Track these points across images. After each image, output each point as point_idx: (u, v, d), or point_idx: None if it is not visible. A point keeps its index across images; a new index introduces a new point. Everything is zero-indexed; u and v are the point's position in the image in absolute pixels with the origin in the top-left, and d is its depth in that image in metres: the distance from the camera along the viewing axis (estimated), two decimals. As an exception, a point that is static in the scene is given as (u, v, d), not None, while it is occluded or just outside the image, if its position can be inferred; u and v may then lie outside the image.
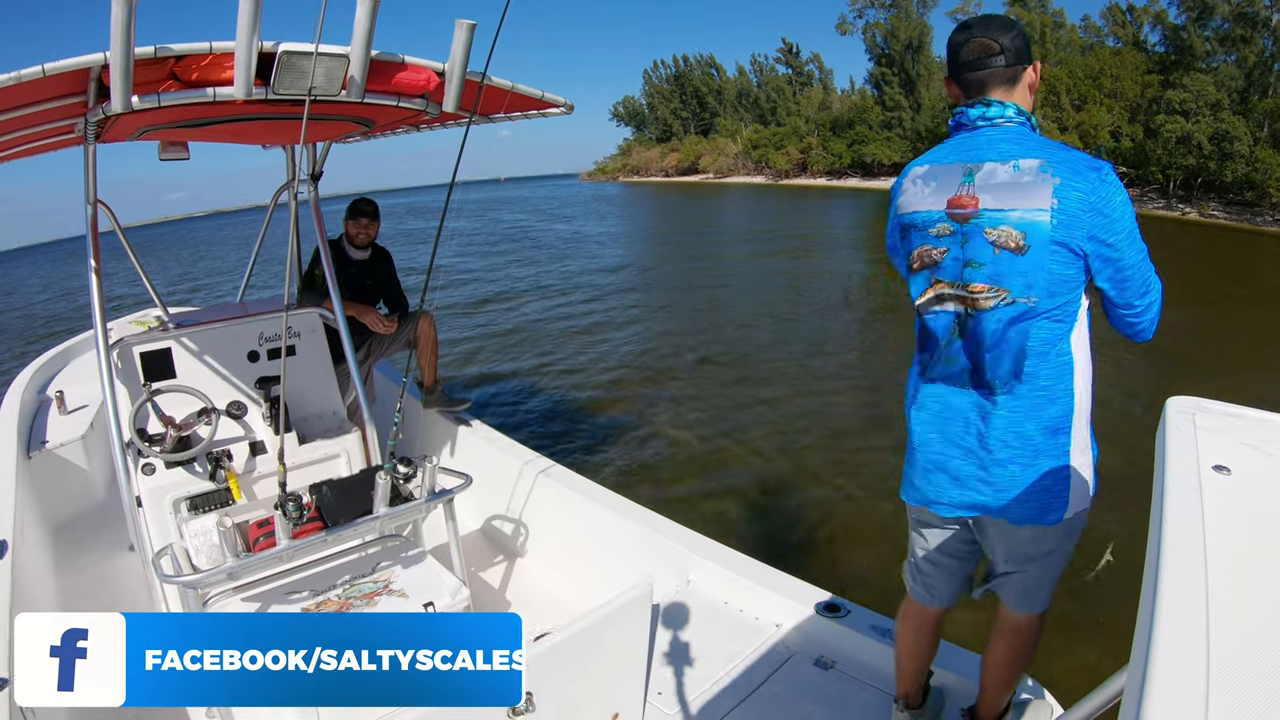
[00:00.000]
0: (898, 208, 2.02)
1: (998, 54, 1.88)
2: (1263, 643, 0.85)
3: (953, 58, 1.94)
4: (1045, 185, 1.77)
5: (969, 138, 1.92)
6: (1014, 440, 1.90)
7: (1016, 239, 1.79)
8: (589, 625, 2.41)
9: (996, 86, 1.90)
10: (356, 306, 4.52)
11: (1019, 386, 1.88)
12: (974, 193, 1.85)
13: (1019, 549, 2.04)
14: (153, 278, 4.36)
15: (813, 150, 63.87)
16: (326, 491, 2.99)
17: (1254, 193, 30.84)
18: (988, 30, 1.90)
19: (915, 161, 2.03)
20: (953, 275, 1.91)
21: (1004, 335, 1.85)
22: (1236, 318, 13.10)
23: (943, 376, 1.98)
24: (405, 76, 2.89)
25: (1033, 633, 2.19)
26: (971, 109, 1.92)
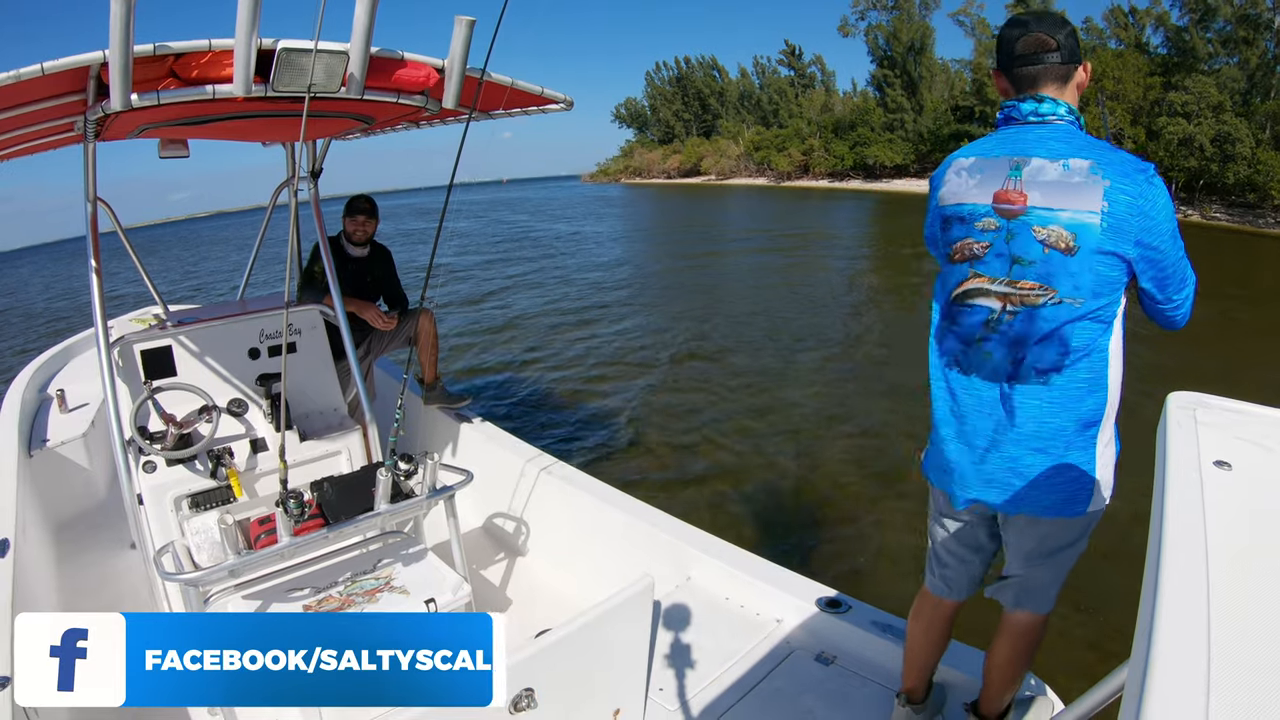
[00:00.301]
0: (939, 199, 2.00)
1: (1054, 50, 1.88)
2: (1263, 638, 0.85)
3: (1006, 51, 1.93)
4: (1096, 187, 1.77)
5: (1018, 132, 1.91)
6: (1047, 433, 1.90)
7: (1067, 240, 1.80)
8: (590, 621, 2.41)
9: (1050, 83, 1.90)
10: (356, 303, 4.53)
11: (1056, 379, 1.88)
12: (1021, 188, 1.84)
13: (1040, 543, 2.05)
14: (156, 277, 4.37)
15: (815, 152, 63.86)
16: (328, 488, 2.99)
17: (1256, 195, 30.82)
18: (1043, 26, 1.89)
19: (959, 153, 2.02)
20: (997, 271, 1.90)
21: (1051, 334, 1.86)
22: (1238, 318, 13.08)
23: (976, 369, 1.98)
24: (405, 73, 2.89)
25: (1038, 633, 2.20)
26: (1023, 103, 1.91)
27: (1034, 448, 1.92)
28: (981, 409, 1.98)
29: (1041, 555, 2.07)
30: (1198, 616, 0.86)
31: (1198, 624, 0.85)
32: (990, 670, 2.29)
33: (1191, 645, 0.82)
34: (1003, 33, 1.96)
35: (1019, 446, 1.93)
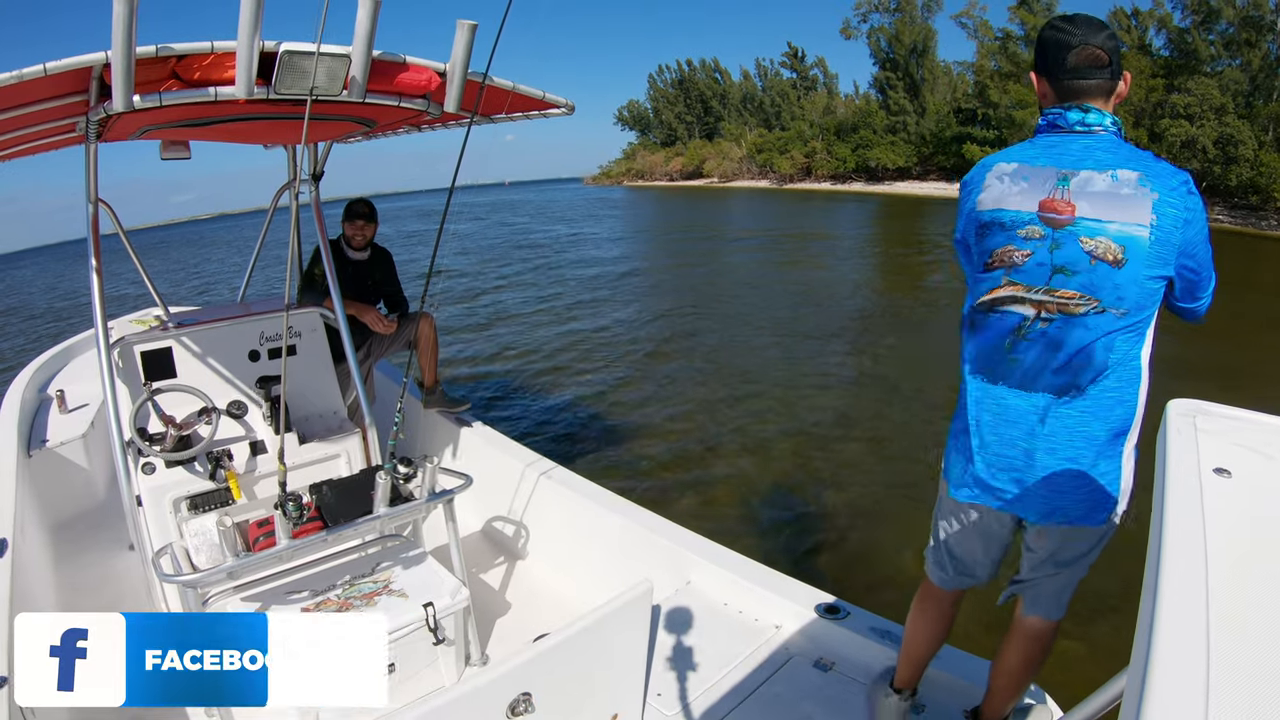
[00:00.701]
0: (977, 203, 1.97)
1: (1106, 66, 1.88)
2: (1263, 645, 0.84)
3: (1055, 60, 1.91)
4: (1145, 200, 1.78)
5: (1062, 141, 1.90)
6: (1080, 441, 1.90)
7: (1115, 252, 1.79)
8: (589, 626, 2.41)
9: (1098, 96, 1.90)
10: (357, 306, 4.53)
11: (1091, 389, 1.88)
12: (1069, 199, 1.83)
13: (1059, 550, 2.05)
14: (161, 278, 4.37)
15: (817, 154, 63.80)
16: (326, 491, 2.99)
17: (1259, 196, 30.79)
18: (1094, 38, 1.87)
19: (997, 157, 1.99)
20: (1036, 280, 1.88)
21: (1091, 344, 1.85)
22: (1240, 321, 13.06)
23: (1004, 378, 1.96)
24: (407, 77, 2.89)
25: (1049, 639, 2.20)
26: (1070, 113, 1.90)
27: (1065, 457, 1.91)
28: (1008, 416, 1.96)
29: (1059, 562, 2.08)
30: (1197, 623, 0.86)
31: (1197, 631, 0.85)
32: (998, 676, 2.30)
33: (1191, 652, 0.82)
34: (1050, 37, 1.93)
35: (1051, 456, 1.92)
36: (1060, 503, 1.94)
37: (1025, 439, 1.94)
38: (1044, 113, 1.96)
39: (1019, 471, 1.96)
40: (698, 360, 11.67)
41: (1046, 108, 1.95)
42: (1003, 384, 1.96)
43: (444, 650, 3.00)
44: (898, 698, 2.46)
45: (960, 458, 2.08)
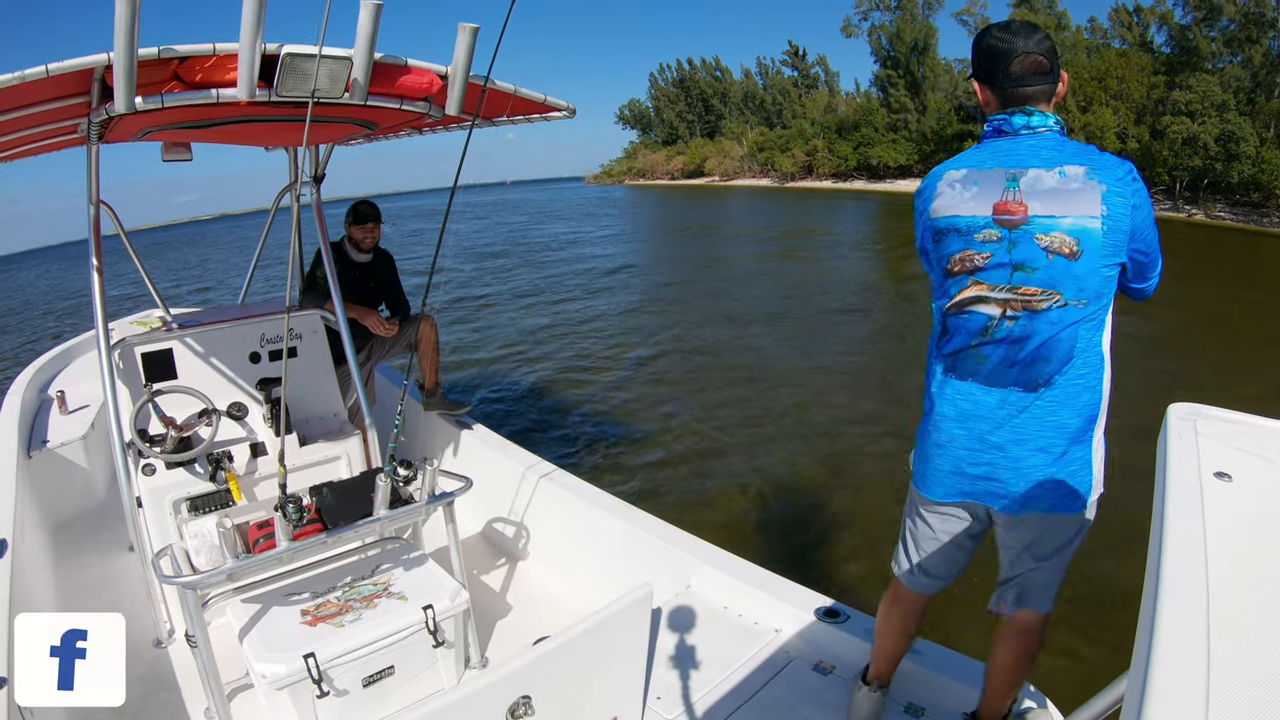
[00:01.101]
0: (931, 212, 2.02)
1: (1047, 72, 1.94)
2: (1263, 648, 0.84)
3: (999, 69, 1.96)
4: (1094, 191, 1.84)
5: (1009, 144, 1.96)
6: (1050, 431, 1.95)
7: (1070, 245, 1.85)
8: (589, 629, 2.41)
9: (1041, 100, 1.96)
10: (358, 309, 4.53)
11: (1058, 379, 1.93)
12: (1021, 199, 1.88)
13: (1038, 543, 2.08)
14: (165, 278, 4.38)
15: (818, 153, 63.80)
16: (327, 493, 2.99)
17: (1260, 194, 30.75)
18: (1034, 45, 1.94)
19: (946, 165, 2.05)
20: (999, 279, 1.93)
21: (1056, 336, 1.90)
22: (1242, 319, 13.05)
23: (971, 374, 2.01)
24: (408, 79, 2.89)
25: (1039, 632, 2.22)
26: (1015, 117, 1.96)
27: (1036, 447, 1.96)
28: (980, 413, 2.01)
29: (1038, 556, 2.10)
30: (1197, 627, 0.86)
31: (1197, 635, 0.85)
32: (992, 674, 2.32)
33: (1191, 656, 0.82)
34: (991, 46, 1.98)
35: (1022, 447, 1.96)
36: (1036, 492, 1.98)
37: (996, 432, 1.99)
38: (989, 119, 2.02)
39: (992, 465, 2.01)
40: (698, 361, 11.66)
41: (991, 114, 2.02)
42: (971, 380, 2.01)
43: (443, 653, 3.00)
44: (868, 689, 2.51)
45: (930, 456, 2.13)
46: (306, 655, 2.60)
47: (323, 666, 2.62)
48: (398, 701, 2.89)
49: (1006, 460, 1.98)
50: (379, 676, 2.84)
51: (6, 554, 3.12)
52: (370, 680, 2.82)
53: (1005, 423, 1.97)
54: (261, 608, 2.87)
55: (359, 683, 2.79)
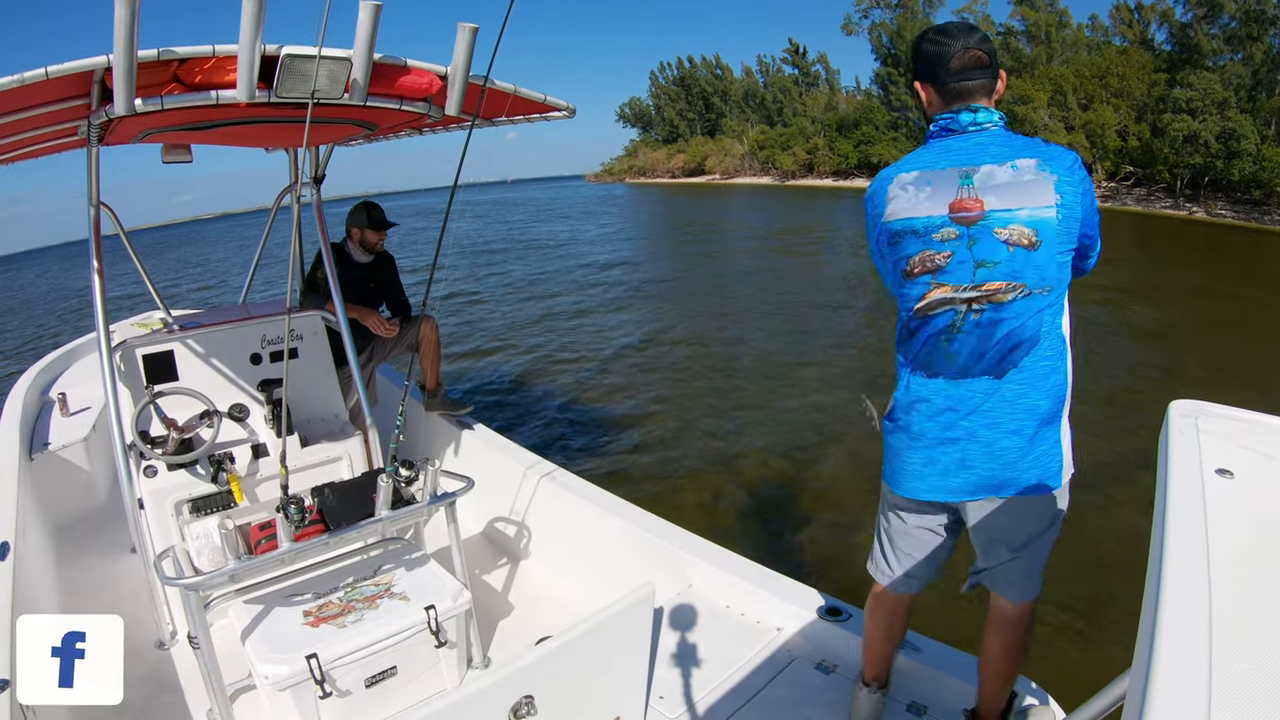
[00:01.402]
0: (885, 215, 2.03)
1: (986, 66, 1.99)
2: (1265, 646, 0.84)
3: (940, 65, 2.00)
4: (1047, 182, 1.89)
5: (957, 142, 1.99)
6: (1021, 413, 1.98)
7: (1029, 236, 1.89)
8: (591, 629, 2.40)
9: (983, 95, 2.00)
10: (358, 309, 4.53)
11: (1025, 363, 1.97)
12: (976, 195, 1.91)
13: (1017, 529, 2.11)
14: (162, 278, 4.38)
15: (819, 151, 63.75)
16: (328, 494, 2.99)
17: (1261, 191, 30.71)
18: (974, 41, 1.99)
19: (895, 169, 2.06)
20: (961, 278, 1.95)
21: (1022, 325, 1.94)
22: (1244, 317, 13.04)
23: (941, 370, 2.03)
24: (408, 80, 2.89)
25: (1029, 620, 2.25)
26: (962, 115, 1.99)
27: (1009, 430, 1.99)
28: (950, 405, 2.03)
29: (1014, 547, 2.13)
30: (1199, 625, 0.86)
31: (1199, 632, 0.84)
32: (984, 666, 2.33)
33: (1193, 654, 0.82)
34: (927, 48, 2.03)
35: (994, 430, 1.99)
36: (1009, 474, 2.01)
37: (968, 419, 2.02)
38: (935, 120, 2.04)
39: (964, 453, 2.03)
40: (700, 360, 11.66)
41: (936, 114, 2.05)
42: (942, 376, 2.03)
43: (446, 653, 3.00)
44: (868, 690, 2.52)
45: (902, 455, 2.15)
46: (309, 656, 2.60)
47: (325, 667, 2.62)
48: (400, 702, 2.89)
49: (980, 446, 2.01)
50: (381, 677, 2.84)
51: (9, 556, 3.12)
52: (373, 681, 2.82)
53: (977, 408, 2.00)
54: (264, 609, 2.87)
55: (361, 683, 2.79)
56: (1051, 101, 38.59)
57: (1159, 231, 27.85)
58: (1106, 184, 37.64)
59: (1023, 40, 46.00)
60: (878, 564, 2.40)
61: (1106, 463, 6.86)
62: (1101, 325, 12.38)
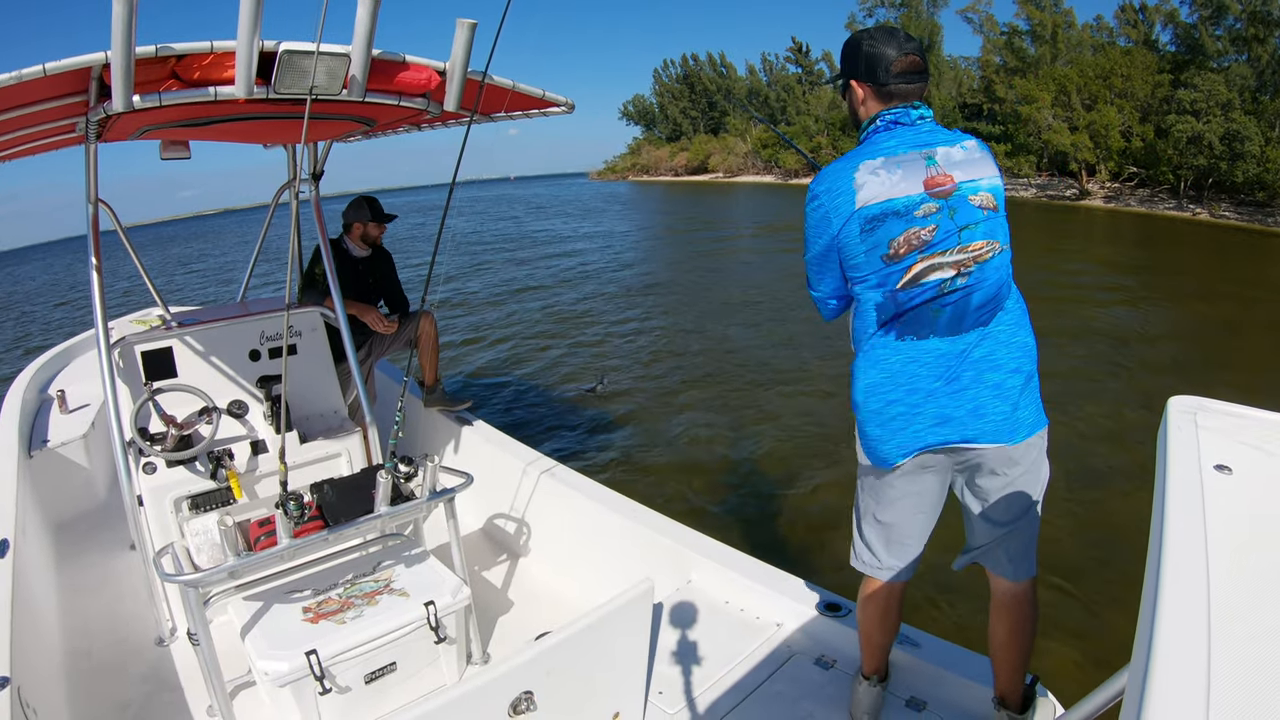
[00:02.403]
0: (857, 202, 2.06)
1: (923, 70, 2.16)
2: (1264, 642, 0.84)
3: (879, 67, 2.14)
4: (988, 157, 2.13)
5: (907, 132, 2.12)
6: (1018, 350, 2.12)
7: (991, 200, 2.08)
8: (590, 624, 2.40)
9: (917, 97, 2.17)
10: (357, 305, 4.54)
11: (1010, 305, 2.14)
12: (944, 171, 2.06)
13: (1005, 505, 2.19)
14: (162, 275, 4.39)
15: (822, 149, 63.68)
16: (328, 490, 2.99)
17: (1265, 193, 30.60)
18: (913, 47, 2.15)
19: (850, 160, 2.13)
20: (949, 244, 2.04)
21: (1000, 279, 2.09)
22: (1246, 317, 13.02)
23: (931, 331, 2.09)
24: (406, 76, 2.89)
25: (1029, 599, 2.30)
26: (912, 110, 2.14)
27: (1011, 369, 2.10)
28: (947, 360, 2.10)
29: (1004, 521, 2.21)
30: (1198, 620, 0.86)
31: (1198, 628, 0.85)
32: (994, 651, 2.35)
33: (1192, 649, 0.82)
34: (868, 49, 2.16)
35: (998, 371, 2.09)
36: (1015, 414, 2.10)
37: (971, 367, 2.09)
38: (880, 115, 2.16)
39: (977, 400, 2.09)
40: (701, 355, 11.66)
41: (877, 111, 2.17)
42: (933, 337, 2.10)
43: (445, 649, 3.01)
44: (867, 684, 2.54)
45: (897, 425, 2.16)
46: (308, 652, 2.61)
47: (325, 663, 2.62)
48: (400, 698, 2.90)
49: (989, 390, 2.09)
50: (381, 673, 2.84)
51: (8, 553, 3.12)
52: (372, 677, 2.82)
53: (972, 350, 2.09)
54: (263, 605, 2.88)
55: (361, 679, 2.79)
56: (1055, 101, 38.46)
57: (1162, 233, 27.79)
58: (1110, 185, 37.57)
59: (1027, 40, 45.89)
60: (863, 557, 2.43)
61: (1106, 459, 6.86)
62: (1102, 324, 12.38)
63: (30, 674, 2.63)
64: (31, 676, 2.63)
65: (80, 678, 3.23)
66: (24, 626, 2.80)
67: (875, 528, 2.37)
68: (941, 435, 2.12)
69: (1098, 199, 36.74)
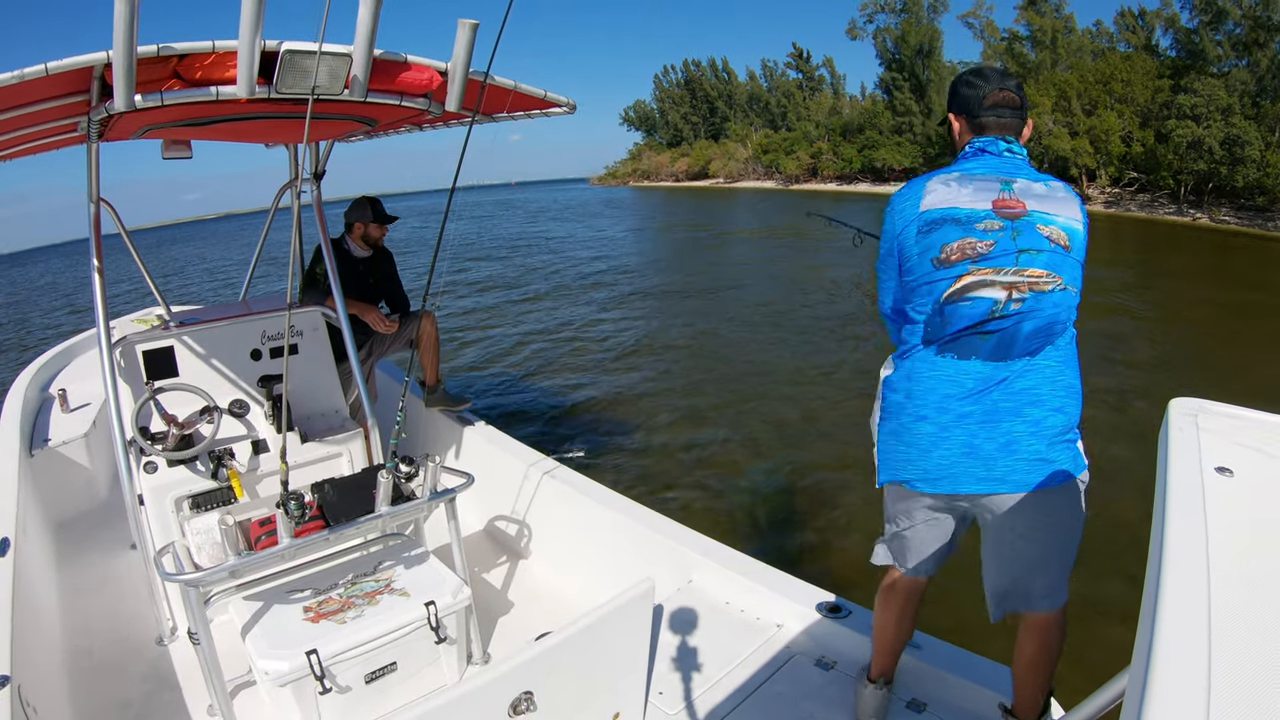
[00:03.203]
0: (922, 205, 2.08)
1: (1019, 107, 2.16)
2: (1265, 644, 0.84)
3: (975, 101, 2.16)
4: (1074, 202, 2.08)
5: (993, 160, 2.12)
6: (1062, 391, 2.06)
7: (1064, 239, 2.02)
8: (590, 625, 2.40)
9: (1011, 133, 2.16)
10: (358, 305, 4.54)
11: (1061, 342, 2.08)
12: (1018, 197, 2.04)
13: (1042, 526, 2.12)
14: (164, 277, 4.38)
15: (823, 155, 63.68)
16: (328, 490, 2.99)
17: (1265, 197, 30.65)
18: (1009, 84, 2.16)
19: (931, 175, 2.15)
20: (1005, 263, 2.00)
21: (1058, 317, 2.03)
22: (1246, 320, 13.03)
23: (975, 353, 2.06)
24: (408, 76, 2.89)
25: (1063, 621, 2.26)
26: (1000, 141, 2.14)
27: (1053, 408, 2.05)
28: (988, 387, 2.05)
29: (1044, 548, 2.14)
30: (1199, 622, 0.86)
31: (1199, 630, 0.84)
32: (1019, 669, 2.33)
33: (1192, 651, 0.81)
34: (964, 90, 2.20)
35: (1039, 408, 2.04)
36: (1054, 456, 2.05)
37: (1010, 397, 2.04)
38: (971, 144, 2.18)
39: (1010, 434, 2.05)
40: (700, 357, 11.66)
41: (971, 140, 2.19)
42: (975, 359, 2.06)
43: (446, 649, 3.00)
44: (873, 687, 2.53)
45: (923, 446, 2.13)
46: (309, 652, 2.60)
47: (325, 663, 2.62)
48: (400, 698, 2.89)
49: (1026, 425, 2.03)
50: (381, 673, 2.84)
51: (9, 552, 3.12)
52: (373, 677, 2.82)
53: (1015, 380, 2.04)
54: (264, 605, 2.88)
55: (361, 679, 2.79)
56: (1056, 107, 38.51)
57: (1162, 237, 27.82)
58: (1110, 190, 37.61)
59: (1027, 45, 45.94)
60: (890, 553, 2.43)
61: (1107, 461, 6.85)
62: (1103, 328, 12.38)
63: (31, 672, 2.63)
64: (32, 675, 2.63)
65: (81, 676, 3.23)
66: (25, 625, 2.80)
67: (902, 531, 2.36)
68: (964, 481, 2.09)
69: (1098, 204, 36.75)
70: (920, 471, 2.15)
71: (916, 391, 2.13)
